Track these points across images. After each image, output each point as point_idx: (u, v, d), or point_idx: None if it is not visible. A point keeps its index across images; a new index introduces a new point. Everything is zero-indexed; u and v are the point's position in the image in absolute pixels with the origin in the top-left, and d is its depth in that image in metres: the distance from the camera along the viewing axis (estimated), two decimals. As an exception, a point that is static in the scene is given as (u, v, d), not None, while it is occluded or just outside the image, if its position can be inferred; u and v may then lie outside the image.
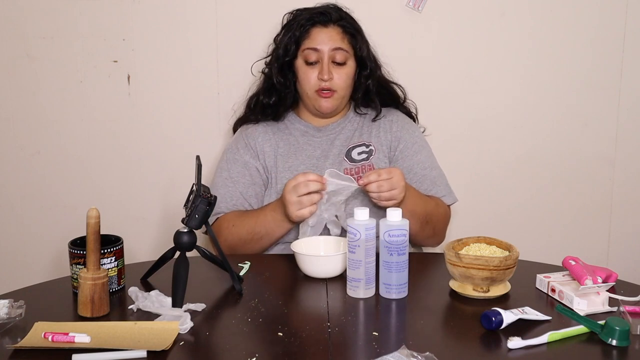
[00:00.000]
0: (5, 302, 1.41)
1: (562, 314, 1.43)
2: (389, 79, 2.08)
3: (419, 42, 2.32)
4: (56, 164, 2.34)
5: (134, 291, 1.49)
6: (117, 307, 1.48)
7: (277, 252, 1.89)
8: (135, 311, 1.45)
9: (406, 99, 2.10)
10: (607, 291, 1.49)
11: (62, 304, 1.51)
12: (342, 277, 1.60)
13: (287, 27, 1.98)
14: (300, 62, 1.95)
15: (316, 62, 1.93)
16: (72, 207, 2.33)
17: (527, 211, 2.44)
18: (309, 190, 1.71)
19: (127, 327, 1.37)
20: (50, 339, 1.30)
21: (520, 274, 1.55)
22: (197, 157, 1.53)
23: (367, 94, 2.02)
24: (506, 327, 1.35)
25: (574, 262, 1.53)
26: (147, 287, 1.57)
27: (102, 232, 1.45)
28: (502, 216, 2.42)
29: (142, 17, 2.27)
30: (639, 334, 1.34)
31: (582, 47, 2.35)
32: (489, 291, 1.50)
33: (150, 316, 1.42)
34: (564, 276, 1.56)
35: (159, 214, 2.36)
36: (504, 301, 1.49)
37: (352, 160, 1.95)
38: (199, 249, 1.57)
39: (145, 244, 2.34)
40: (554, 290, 1.51)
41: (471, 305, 1.49)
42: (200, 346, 1.32)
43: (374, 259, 1.53)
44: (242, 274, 1.66)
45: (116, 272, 1.53)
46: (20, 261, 2.39)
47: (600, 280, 1.48)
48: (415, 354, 1.22)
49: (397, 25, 2.30)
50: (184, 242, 1.50)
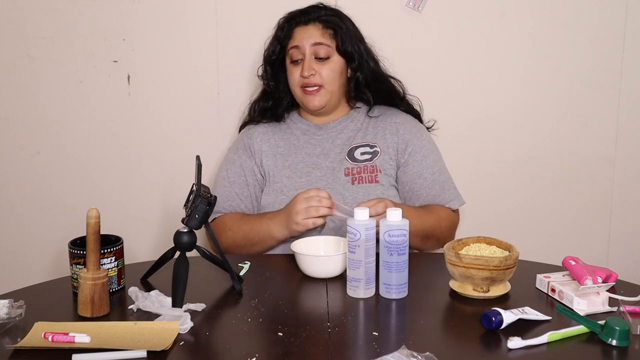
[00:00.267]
0: (5, 302, 1.41)
1: (562, 314, 1.43)
2: (387, 74, 2.07)
3: (419, 42, 2.32)
4: (56, 164, 2.34)
5: (134, 291, 1.49)
6: (117, 307, 1.48)
7: (277, 252, 1.90)
8: (135, 311, 1.45)
9: (405, 93, 2.09)
10: (607, 291, 1.49)
11: (62, 304, 1.51)
12: (342, 277, 1.60)
13: (275, 31, 2.02)
14: (288, 63, 1.98)
15: (300, 60, 1.95)
16: (72, 207, 2.33)
17: (527, 211, 2.44)
18: (320, 204, 1.71)
19: (127, 327, 1.37)
20: (50, 339, 1.30)
21: (520, 274, 1.55)
22: (197, 157, 1.53)
23: (358, 87, 2.01)
24: (506, 327, 1.35)
25: (574, 262, 1.53)
26: (147, 287, 1.57)
27: (102, 232, 1.46)
28: (502, 216, 2.42)
29: (142, 17, 2.27)
30: (639, 334, 1.34)
31: (582, 47, 2.35)
32: (489, 291, 1.50)
33: (150, 316, 1.42)
34: (564, 276, 1.56)
35: (159, 214, 2.36)
36: (504, 301, 1.49)
37: (354, 159, 1.95)
38: (199, 249, 1.57)
39: (145, 244, 2.34)
40: (554, 290, 1.51)
41: (471, 305, 1.49)
42: (200, 346, 1.32)
43: (374, 259, 1.53)
44: (242, 274, 1.66)
45: (116, 272, 1.53)
46: (20, 261, 2.39)
47: (600, 280, 1.48)
48: (415, 354, 1.22)
49: (397, 25, 2.30)
50: (184, 242, 1.50)
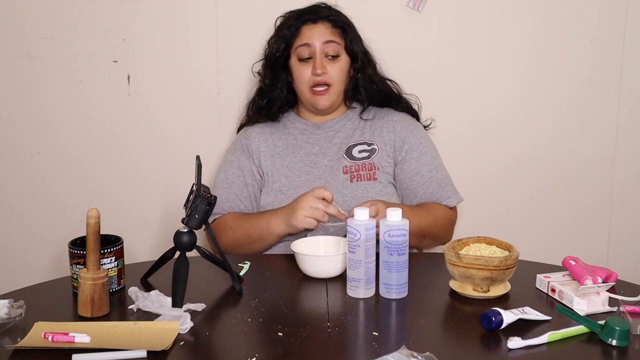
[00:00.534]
0: (5, 302, 1.41)
1: (562, 314, 1.43)
2: (383, 76, 2.07)
3: (419, 42, 2.32)
4: (56, 164, 2.34)
5: (134, 291, 1.49)
6: (117, 307, 1.48)
7: (277, 252, 1.90)
8: (135, 311, 1.45)
9: (402, 94, 2.09)
10: (607, 291, 1.49)
11: (62, 304, 1.51)
12: (342, 277, 1.60)
13: (278, 29, 2.01)
14: (294, 61, 1.97)
15: (309, 58, 1.94)
16: (72, 207, 2.33)
17: (527, 211, 2.44)
18: (326, 210, 1.71)
19: (127, 327, 1.37)
20: (50, 339, 1.30)
21: (520, 274, 1.55)
22: (197, 157, 1.53)
23: (356, 88, 2.02)
24: (506, 327, 1.35)
25: (574, 262, 1.53)
26: (147, 287, 1.57)
27: (102, 232, 1.45)
28: (502, 216, 2.42)
29: (142, 17, 2.27)
30: (639, 334, 1.34)
31: (582, 47, 2.35)
32: (489, 291, 1.50)
33: (150, 316, 1.42)
34: (564, 276, 1.56)
35: (159, 214, 2.36)
36: (504, 301, 1.49)
37: (353, 158, 1.95)
38: (199, 249, 1.57)
39: (145, 244, 2.34)
40: (554, 290, 1.51)
41: (471, 305, 1.49)
42: (200, 346, 1.32)
43: (374, 259, 1.53)
44: (242, 274, 1.66)
45: (116, 272, 1.53)
46: (20, 261, 2.39)
47: (600, 280, 1.48)
48: (415, 354, 1.22)
49: (397, 25, 2.30)
50: (184, 242, 1.50)
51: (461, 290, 1.52)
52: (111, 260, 1.52)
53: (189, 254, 1.51)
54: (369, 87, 2.02)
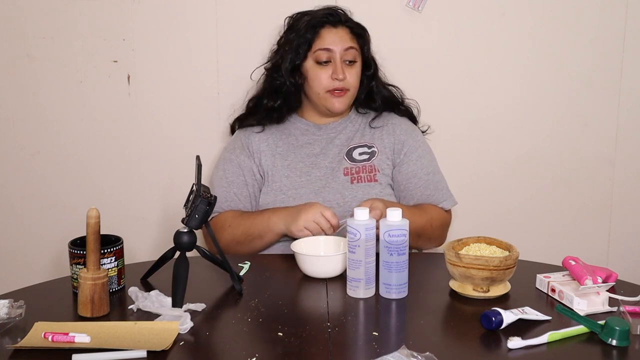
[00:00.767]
0: (5, 302, 1.41)
1: (562, 314, 1.43)
2: (385, 82, 2.09)
3: (419, 42, 2.32)
4: (56, 164, 2.34)
5: (134, 291, 1.49)
6: (117, 307, 1.48)
7: (277, 252, 1.90)
8: (135, 311, 1.45)
9: (404, 100, 2.10)
10: (607, 291, 1.49)
11: (62, 304, 1.51)
12: (342, 277, 1.60)
13: (293, 30, 1.98)
14: (310, 64, 1.95)
15: (327, 62, 1.93)
16: (72, 207, 2.33)
17: (527, 211, 2.44)
18: (324, 228, 1.74)
19: (127, 327, 1.37)
20: (50, 339, 1.30)
21: (520, 274, 1.55)
22: (197, 157, 1.53)
23: (371, 95, 2.03)
24: (506, 327, 1.36)
25: (574, 262, 1.53)
26: (147, 287, 1.57)
27: (102, 232, 1.46)
28: (502, 216, 2.42)
29: (142, 17, 2.27)
30: (639, 334, 1.34)
31: (582, 47, 2.35)
32: (489, 291, 1.50)
33: (150, 316, 1.42)
34: (564, 276, 1.56)
35: (159, 214, 2.36)
36: (504, 301, 1.49)
37: (353, 160, 1.96)
38: (199, 249, 1.57)
39: (145, 244, 2.34)
40: (554, 290, 1.51)
41: (471, 305, 1.49)
42: (200, 346, 1.32)
43: (374, 259, 1.53)
44: (242, 274, 1.66)
45: (116, 272, 1.53)
46: (20, 261, 2.38)
47: (600, 280, 1.48)
48: (415, 354, 1.22)
49: (397, 25, 2.30)
50: (184, 242, 1.50)
51: (461, 290, 1.52)
52: (111, 260, 1.52)
53: (189, 254, 1.51)
54: (380, 94, 2.04)
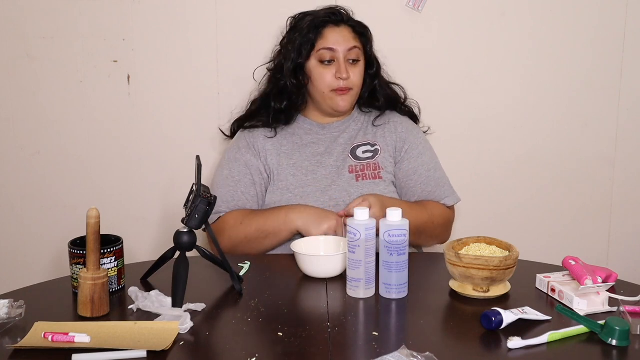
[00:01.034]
0: (5, 302, 1.41)
1: (562, 314, 1.43)
2: (388, 80, 2.09)
3: (419, 42, 2.32)
4: (56, 164, 2.34)
5: (134, 291, 1.49)
6: (117, 307, 1.48)
7: (277, 252, 1.90)
8: (135, 311, 1.45)
9: (407, 99, 2.10)
10: (607, 291, 1.49)
11: (62, 304, 1.51)
12: (342, 277, 1.60)
13: (296, 30, 1.98)
14: (313, 63, 1.95)
15: (330, 62, 1.94)
16: (72, 207, 2.33)
17: (527, 211, 2.44)
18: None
19: (127, 327, 1.37)
20: (50, 339, 1.30)
21: (520, 274, 1.55)
22: (197, 157, 1.53)
23: (374, 94, 2.04)
24: (506, 327, 1.35)
25: (574, 262, 1.53)
26: (147, 287, 1.57)
27: (102, 232, 1.46)
28: (502, 216, 2.42)
29: (142, 17, 2.27)
30: (639, 334, 1.34)
31: (582, 47, 2.35)
32: (489, 291, 1.50)
33: (150, 316, 1.42)
34: (564, 276, 1.56)
35: (159, 214, 2.36)
36: (504, 301, 1.49)
37: (357, 158, 1.97)
38: (199, 249, 1.57)
39: (145, 244, 2.34)
40: (554, 290, 1.51)
41: (471, 305, 1.49)
42: (200, 346, 1.32)
43: (374, 259, 1.53)
44: (242, 274, 1.66)
45: (116, 272, 1.53)
46: (20, 261, 2.39)
47: (600, 280, 1.48)
48: (415, 354, 1.22)
49: (397, 25, 2.30)
50: (184, 242, 1.50)
51: (461, 290, 1.52)
52: (111, 260, 1.52)
53: (189, 254, 1.51)
54: (383, 92, 2.04)
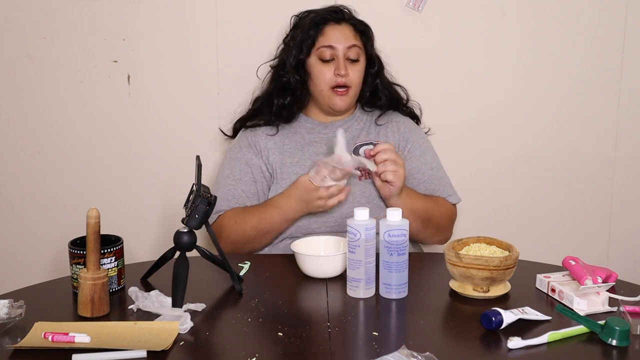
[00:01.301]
0: (5, 302, 1.41)
1: (562, 314, 1.43)
2: (392, 81, 2.10)
3: (419, 42, 2.32)
4: (56, 164, 2.34)
5: (134, 291, 1.49)
6: (117, 307, 1.48)
7: (278, 252, 1.90)
8: (135, 311, 1.45)
9: (409, 100, 2.11)
10: (607, 291, 1.49)
11: (62, 304, 1.51)
12: (342, 277, 1.60)
13: (298, 27, 2.00)
14: (313, 60, 1.96)
15: (330, 60, 1.94)
16: (72, 207, 2.33)
17: (527, 211, 2.44)
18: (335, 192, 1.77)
19: (127, 327, 1.37)
20: (50, 339, 1.30)
21: (520, 274, 1.56)
22: (197, 157, 1.53)
23: (375, 93, 2.04)
24: (506, 327, 1.36)
25: (574, 262, 1.53)
26: (147, 287, 1.57)
27: (102, 232, 1.46)
28: (502, 216, 2.42)
29: (142, 17, 2.27)
30: (639, 334, 1.34)
31: (582, 47, 2.35)
32: (489, 291, 1.50)
33: (150, 316, 1.42)
34: (564, 276, 1.56)
35: (159, 214, 2.36)
36: (504, 301, 1.49)
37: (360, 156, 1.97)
38: (199, 249, 1.57)
39: (145, 244, 2.34)
40: (554, 290, 1.51)
41: (471, 305, 1.49)
42: (200, 346, 1.32)
43: (374, 259, 1.53)
44: (242, 274, 1.66)
45: (116, 272, 1.53)
46: (20, 261, 2.39)
47: (600, 280, 1.48)
48: (415, 354, 1.22)
49: (397, 25, 2.30)
50: (184, 242, 1.50)
51: (461, 290, 1.52)
52: (111, 260, 1.52)
53: (189, 254, 1.51)
54: (385, 92, 2.05)
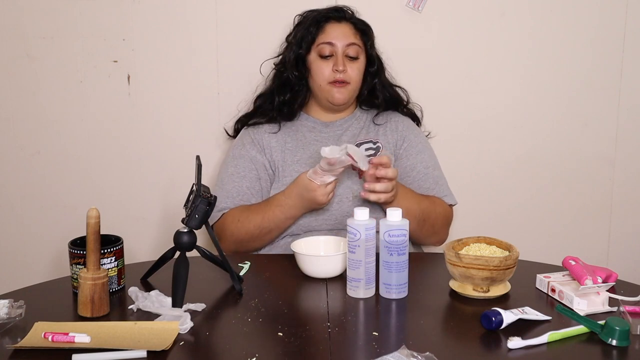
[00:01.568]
0: (5, 302, 1.41)
1: (562, 314, 1.43)
2: (392, 83, 2.12)
3: (419, 42, 2.32)
4: (56, 164, 2.34)
5: (134, 291, 1.49)
6: (117, 307, 1.48)
7: (278, 249, 1.90)
8: (135, 311, 1.45)
9: (409, 101, 2.11)
10: (607, 291, 1.49)
11: (62, 304, 1.51)
12: (342, 277, 1.60)
13: (301, 25, 2.03)
14: (313, 57, 1.98)
15: (330, 56, 1.97)
16: (72, 207, 2.33)
17: (527, 211, 2.44)
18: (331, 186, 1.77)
19: (127, 327, 1.37)
20: (50, 339, 1.30)
21: (520, 274, 1.56)
22: (197, 157, 1.53)
23: (373, 92, 2.05)
24: (506, 327, 1.36)
25: (574, 262, 1.53)
26: (147, 287, 1.57)
27: (102, 232, 1.46)
28: (502, 216, 2.42)
29: (142, 17, 2.27)
30: (639, 334, 1.34)
31: (582, 47, 2.35)
32: (489, 291, 1.50)
33: (150, 316, 1.42)
34: (564, 276, 1.56)
35: (159, 214, 2.36)
36: (504, 301, 1.49)
37: None
38: (199, 249, 1.57)
39: (145, 244, 2.34)
40: (554, 290, 1.51)
41: (471, 305, 1.49)
42: (200, 346, 1.32)
43: (374, 259, 1.53)
44: (242, 274, 1.66)
45: (116, 272, 1.54)
46: (20, 261, 2.38)
47: (600, 280, 1.48)
48: (415, 354, 1.22)
49: (397, 25, 2.30)
50: (184, 242, 1.50)
51: (461, 290, 1.52)
52: (111, 260, 1.52)
53: (189, 254, 1.51)
54: (384, 92, 2.06)
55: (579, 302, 1.44)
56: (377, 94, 2.06)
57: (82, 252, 1.48)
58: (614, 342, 1.30)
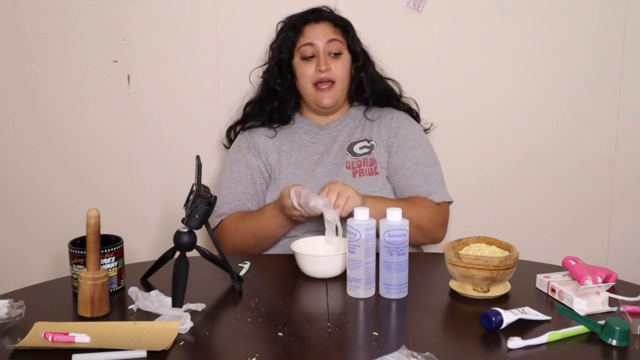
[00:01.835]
0: (5, 302, 1.41)
1: (562, 314, 1.43)
2: (383, 76, 2.10)
3: (419, 42, 2.32)
4: (56, 164, 2.34)
5: (134, 291, 1.49)
6: (117, 307, 1.48)
7: (277, 252, 1.90)
8: (135, 311, 1.45)
9: (402, 94, 2.11)
10: (607, 291, 1.49)
11: (62, 304, 1.51)
12: (342, 277, 1.60)
13: (281, 32, 2.04)
14: (297, 60, 1.99)
15: (312, 57, 1.97)
16: (72, 207, 2.33)
17: (527, 211, 2.43)
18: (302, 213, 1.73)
19: (127, 327, 1.37)
20: (50, 339, 1.30)
21: (520, 274, 1.55)
22: (197, 157, 1.53)
23: (361, 86, 2.05)
24: (506, 327, 1.36)
25: (574, 262, 1.53)
26: (147, 287, 1.57)
27: (102, 232, 1.46)
28: (502, 216, 2.42)
29: (142, 17, 2.27)
30: (639, 334, 1.34)
31: (582, 47, 2.34)
32: (489, 291, 1.50)
33: (150, 316, 1.42)
34: (564, 276, 1.56)
35: (159, 214, 2.36)
36: (504, 301, 1.49)
37: (354, 154, 1.98)
38: (199, 249, 1.57)
39: (145, 244, 2.34)
40: (554, 290, 1.51)
41: (471, 305, 1.49)
42: (200, 346, 1.32)
43: (374, 259, 1.53)
44: (242, 274, 1.66)
45: (116, 272, 1.54)
46: (20, 261, 2.38)
47: (600, 280, 1.48)
48: (415, 354, 1.22)
49: (397, 25, 2.30)
50: (184, 242, 1.50)
51: (461, 290, 1.52)
52: (111, 260, 1.52)
53: (189, 254, 1.51)
54: (372, 85, 2.05)
55: (579, 302, 1.44)
56: (365, 88, 2.04)
57: (82, 252, 1.48)
58: (614, 342, 1.30)
